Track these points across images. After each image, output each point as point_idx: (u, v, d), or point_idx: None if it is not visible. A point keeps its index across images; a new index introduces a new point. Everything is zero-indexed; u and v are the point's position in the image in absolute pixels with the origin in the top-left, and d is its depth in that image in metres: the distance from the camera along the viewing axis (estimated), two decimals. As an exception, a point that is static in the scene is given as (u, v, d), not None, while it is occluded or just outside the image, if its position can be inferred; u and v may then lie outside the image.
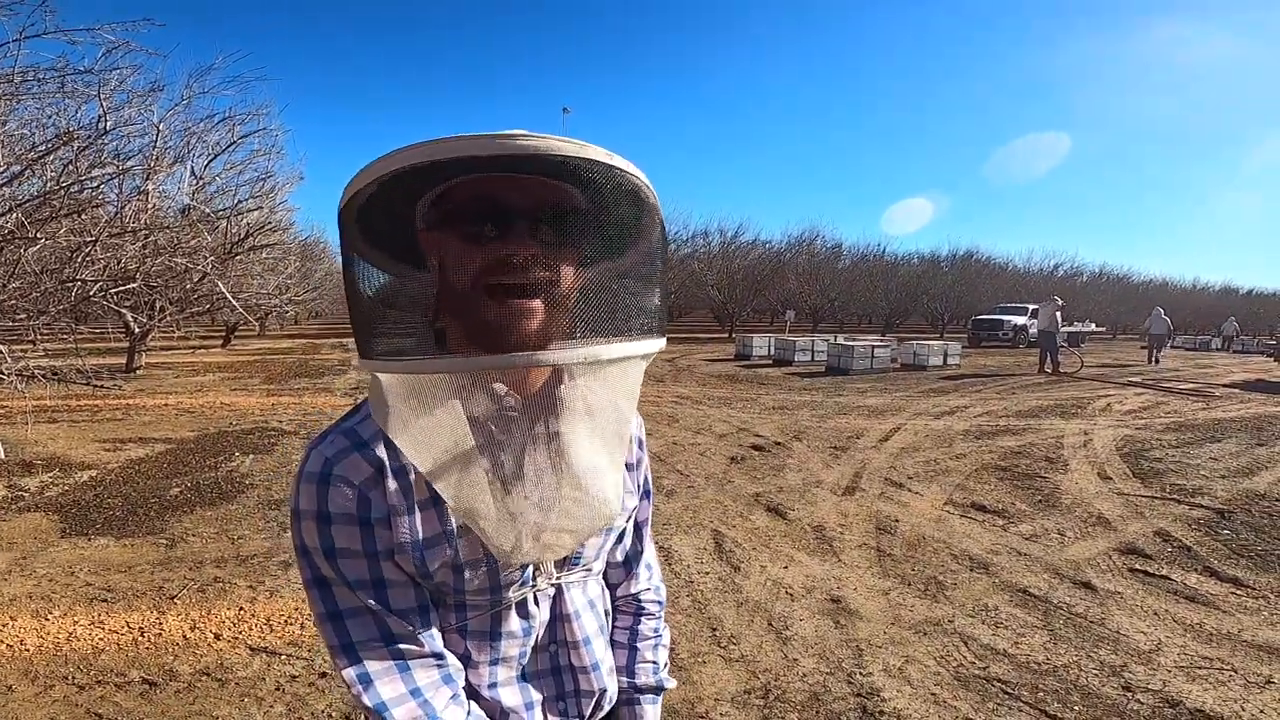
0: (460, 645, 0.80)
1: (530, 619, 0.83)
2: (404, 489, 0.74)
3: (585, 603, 0.89)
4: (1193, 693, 2.63)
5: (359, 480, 0.72)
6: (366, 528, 0.72)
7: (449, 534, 0.75)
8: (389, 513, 0.73)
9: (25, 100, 5.00)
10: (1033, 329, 25.71)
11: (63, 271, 5.70)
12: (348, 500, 0.71)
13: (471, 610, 0.79)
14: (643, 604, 1.01)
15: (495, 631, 0.81)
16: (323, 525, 0.71)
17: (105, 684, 2.54)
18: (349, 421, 0.76)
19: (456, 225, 0.67)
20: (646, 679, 0.97)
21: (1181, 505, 5.00)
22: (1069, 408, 9.67)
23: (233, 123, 9.65)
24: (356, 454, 0.73)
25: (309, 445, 0.75)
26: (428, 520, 0.74)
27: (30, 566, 3.55)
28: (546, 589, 0.84)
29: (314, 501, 0.71)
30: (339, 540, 0.72)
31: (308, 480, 0.72)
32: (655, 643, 1.01)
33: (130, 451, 6.00)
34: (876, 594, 3.43)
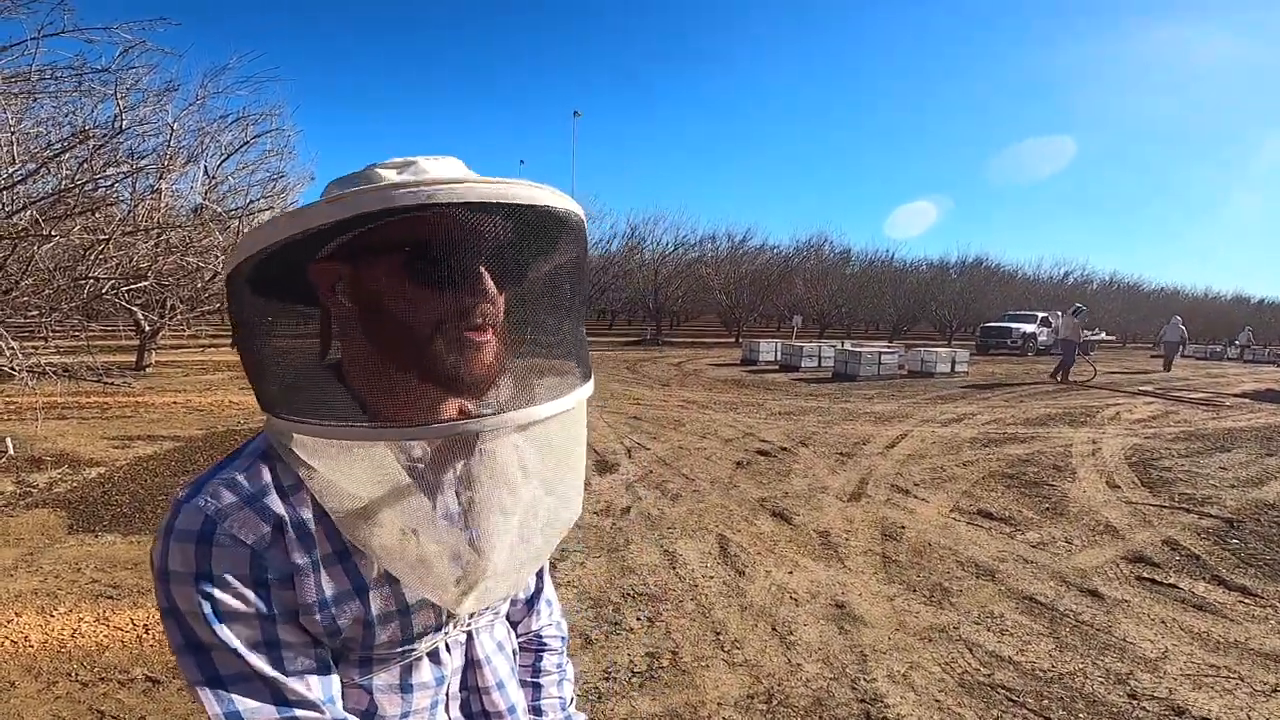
0: (365, 700, 0.73)
1: (443, 666, 0.78)
2: (306, 546, 0.65)
3: (495, 646, 0.85)
4: (1199, 701, 2.61)
5: (252, 540, 0.62)
6: (262, 589, 0.63)
7: (360, 589, 0.68)
8: (291, 573, 0.64)
9: (42, 99, 5.05)
10: (1042, 336, 25.67)
11: (75, 269, 5.75)
12: (238, 562, 0.62)
13: (378, 665, 0.73)
14: (544, 640, 0.99)
15: (406, 684, 0.75)
16: (203, 587, 0.61)
17: (109, 681, 2.55)
18: (228, 470, 0.66)
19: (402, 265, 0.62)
20: (554, 715, 0.94)
21: (1190, 514, 4.97)
22: (1078, 416, 9.62)
23: (246, 123, 9.72)
24: (248, 509, 0.63)
25: (177, 500, 0.64)
26: (335, 576, 0.67)
27: (37, 563, 3.58)
28: (458, 635, 0.80)
29: (192, 564, 0.61)
30: (225, 603, 0.61)
31: (182, 539, 0.61)
32: (559, 678, 0.98)
33: (139, 449, 6.04)
34: (881, 600, 3.42)
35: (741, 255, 29.44)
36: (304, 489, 0.66)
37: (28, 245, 4.88)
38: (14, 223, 4.73)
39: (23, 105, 4.86)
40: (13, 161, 4.63)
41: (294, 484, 0.66)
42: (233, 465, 0.68)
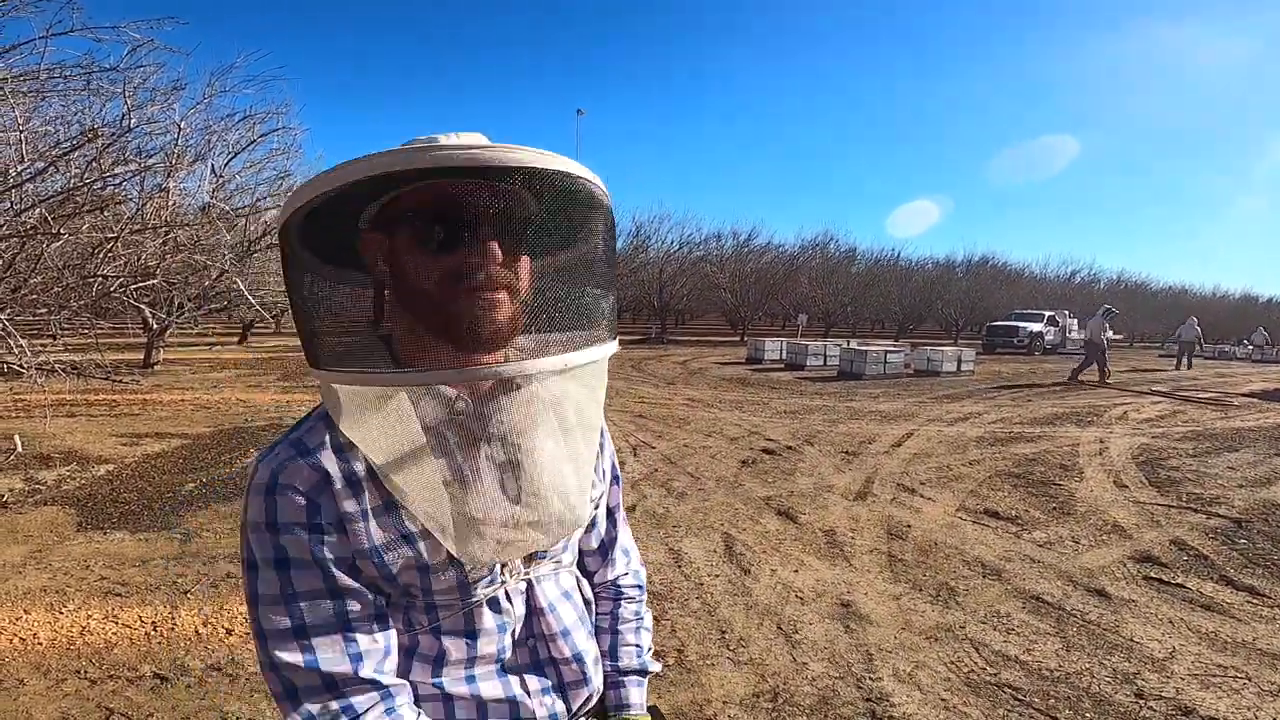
0: (435, 646, 0.79)
1: (504, 615, 0.82)
2: (355, 494, 0.72)
3: (559, 594, 0.88)
4: (1206, 700, 2.60)
5: (305, 488, 0.71)
6: (316, 534, 0.70)
7: (409, 537, 0.74)
8: (341, 519, 0.71)
9: (50, 97, 5.07)
10: (1049, 335, 25.56)
11: (84, 267, 5.78)
12: (297, 508, 0.70)
13: (443, 610, 0.78)
14: (621, 589, 1.02)
15: (470, 630, 0.80)
16: (272, 535, 0.70)
17: (117, 678, 2.56)
18: (295, 433, 0.75)
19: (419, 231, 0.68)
20: (629, 662, 0.97)
21: (1198, 514, 4.95)
22: (1085, 415, 9.58)
23: (252, 121, 9.75)
24: (301, 462, 0.71)
25: (256, 459, 0.74)
26: (384, 525, 0.73)
27: (46, 560, 3.60)
28: (517, 585, 0.83)
29: (263, 513, 0.70)
30: (290, 550, 0.70)
31: (256, 493, 0.71)
32: (636, 626, 1.01)
33: (147, 446, 6.07)
34: (887, 599, 3.42)
35: (746, 254, 29.41)
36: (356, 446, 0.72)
37: (36, 243, 4.90)
38: (23, 221, 4.75)
39: (31, 104, 4.88)
40: (21, 160, 4.65)
41: (349, 441, 0.72)
42: (300, 428, 0.76)
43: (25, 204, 4.80)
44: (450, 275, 0.68)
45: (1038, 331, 24.88)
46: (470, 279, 0.68)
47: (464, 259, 0.68)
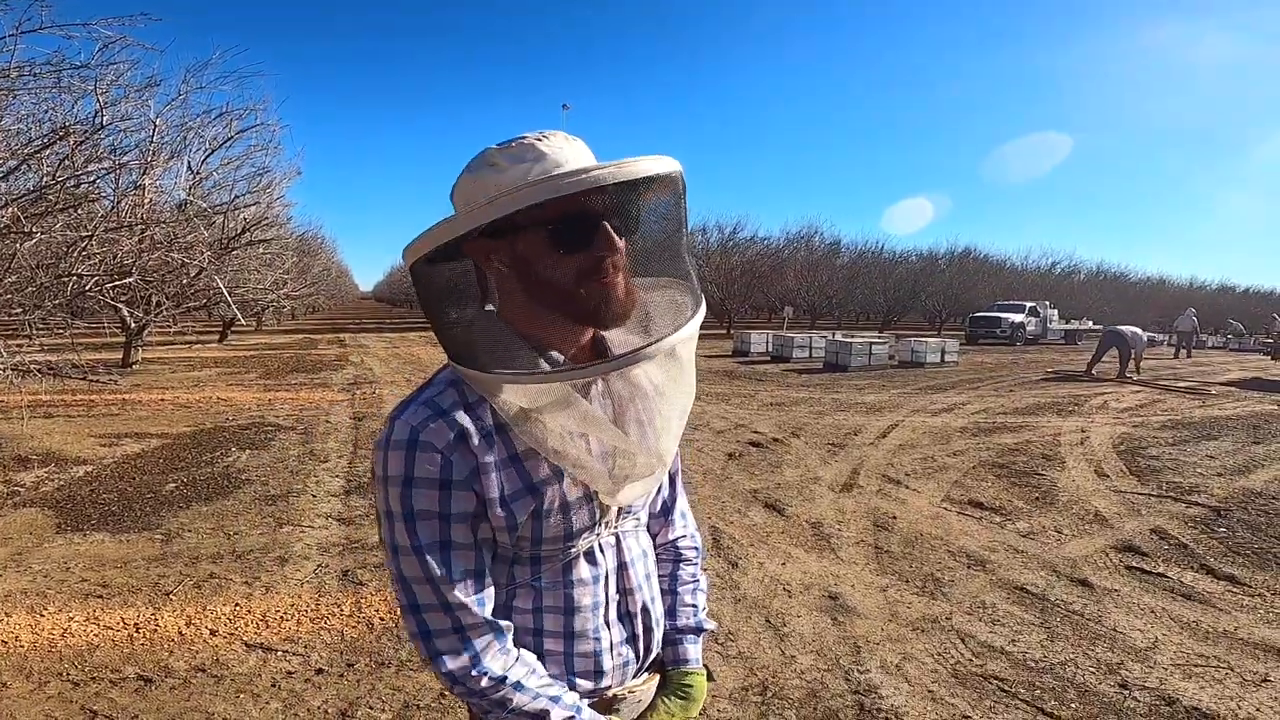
0: (534, 597, 0.88)
1: (598, 565, 0.91)
2: (488, 449, 0.80)
3: (640, 551, 0.98)
4: (1189, 690, 2.63)
5: (442, 445, 0.78)
6: (445, 490, 0.79)
7: (530, 487, 0.83)
8: (472, 472, 0.80)
9: (21, 96, 4.97)
10: (1030, 326, 25.84)
11: (59, 266, 5.67)
12: (433, 465, 0.78)
13: (545, 563, 0.88)
14: (681, 551, 1.09)
15: (568, 580, 0.89)
16: (406, 489, 0.78)
17: (100, 680, 2.53)
18: (426, 393, 0.83)
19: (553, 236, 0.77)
20: (687, 620, 1.05)
21: (1178, 503, 5.01)
22: (1066, 405, 9.68)
23: (229, 118, 9.60)
24: (440, 420, 0.79)
25: (391, 416, 0.82)
26: (509, 478, 0.82)
27: (25, 562, 3.54)
28: (608, 538, 0.92)
29: (401, 467, 0.78)
30: (419, 503, 0.78)
31: (395, 448, 0.78)
32: (694, 587, 1.08)
33: (126, 447, 5.98)
34: (874, 591, 3.44)
35: (732, 247, 29.44)
36: (485, 404, 0.82)
37: (9, 243, 4.80)
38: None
39: (3, 102, 4.78)
40: (-8, 158, 4.56)
41: (476, 400, 0.82)
42: (429, 390, 0.84)
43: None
44: (582, 271, 0.78)
45: (1019, 322, 25.13)
46: (600, 273, 0.78)
47: (594, 256, 0.77)
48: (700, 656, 1.06)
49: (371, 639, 2.86)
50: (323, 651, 2.76)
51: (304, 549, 3.79)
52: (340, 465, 5.54)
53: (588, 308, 0.79)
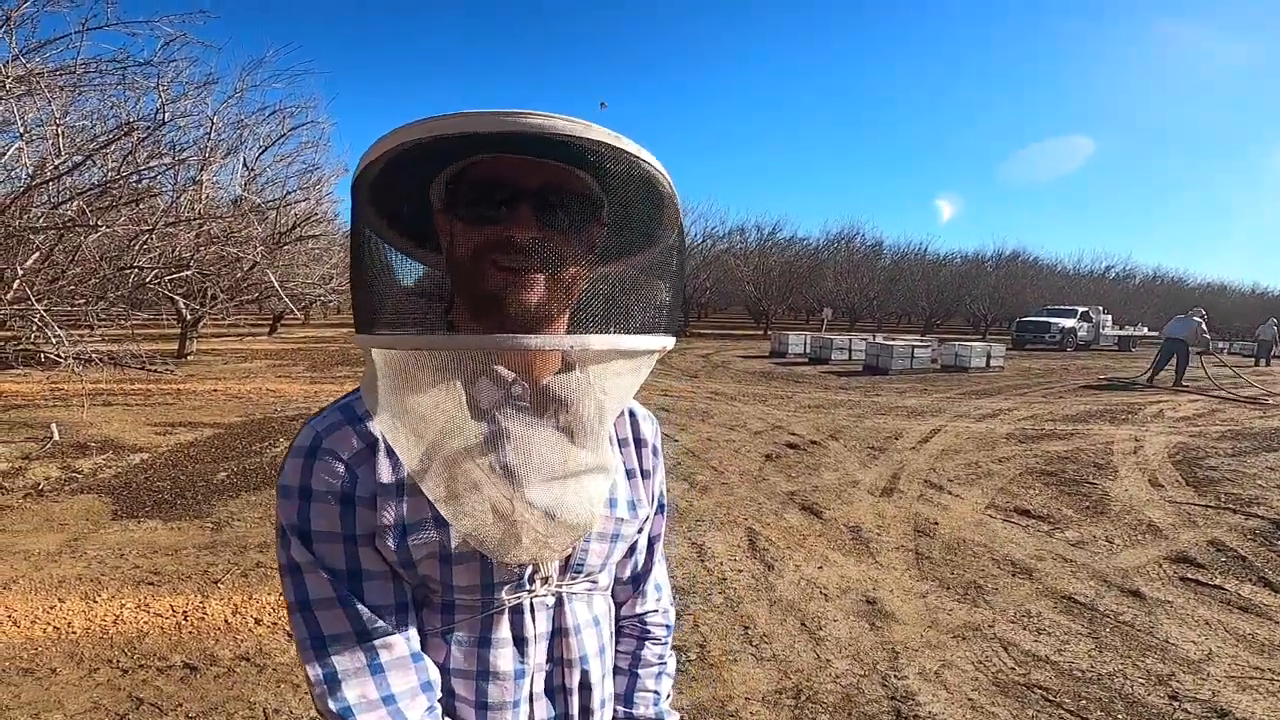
0: (443, 652, 0.73)
1: (525, 629, 0.75)
2: (395, 468, 0.69)
3: (589, 619, 0.80)
4: (1242, 703, 2.53)
5: (347, 455, 0.68)
6: (348, 507, 0.67)
7: (437, 521, 0.69)
8: (375, 492, 0.68)
9: (87, 92, 5.18)
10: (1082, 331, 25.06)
11: (120, 259, 5.91)
12: (333, 476, 0.67)
13: (460, 613, 0.73)
14: (648, 627, 0.93)
15: (485, 638, 0.73)
16: (303, 503, 0.67)
17: (148, 668, 2.59)
18: (347, 398, 0.73)
19: (463, 204, 0.67)
20: (645, 710, 0.89)
21: (1236, 515, 4.81)
22: (1119, 413, 9.37)
23: (282, 115, 9.89)
24: (349, 428, 0.69)
25: (306, 421, 0.72)
26: (416, 505, 0.68)
27: (81, 548, 3.67)
28: (546, 597, 0.76)
29: (298, 476, 0.67)
30: (317, 522, 0.67)
31: (295, 455, 0.68)
32: (659, 670, 0.92)
33: (180, 435, 6.19)
34: (913, 597, 3.37)
35: (770, 247, 29.23)
36: None
37: (74, 235, 5.01)
38: (60, 213, 4.86)
39: (68, 98, 4.98)
40: (59, 153, 4.75)
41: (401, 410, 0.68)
42: (352, 395, 0.73)
43: (63, 197, 4.92)
44: (480, 248, 0.66)
45: (1070, 327, 24.36)
46: (504, 252, 0.65)
47: (496, 232, 0.65)
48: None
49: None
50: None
51: (347, 537, 3.87)
52: (382, 457, 5.63)
53: (484, 293, 0.65)
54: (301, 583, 0.67)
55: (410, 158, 0.62)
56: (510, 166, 0.64)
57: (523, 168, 0.64)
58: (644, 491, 0.87)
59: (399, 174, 0.65)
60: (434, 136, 0.58)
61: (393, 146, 0.60)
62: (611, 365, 0.66)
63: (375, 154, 0.61)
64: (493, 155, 0.64)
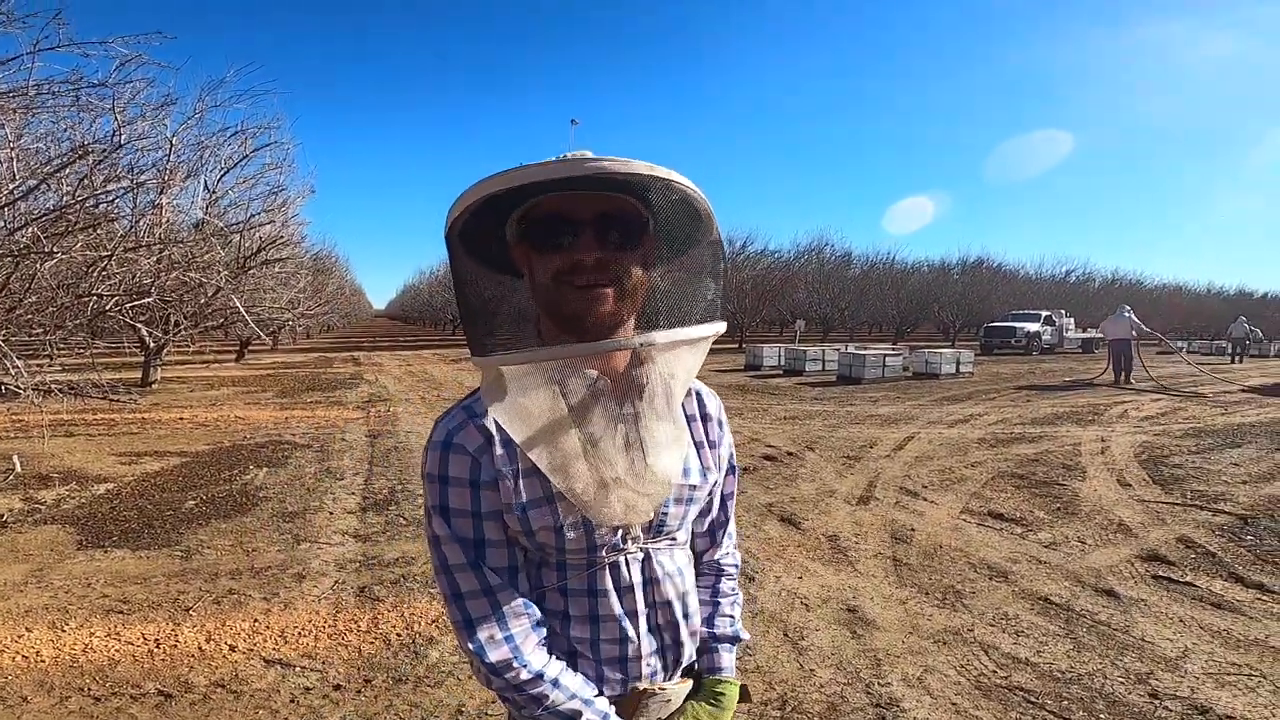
0: (560, 602, 0.91)
1: (622, 580, 0.91)
2: (510, 456, 0.85)
3: (675, 569, 0.97)
4: (1222, 699, 2.57)
5: (472, 448, 0.84)
6: (475, 489, 0.84)
7: (549, 498, 0.85)
8: (497, 477, 0.84)
9: (40, 114, 5.05)
10: (1046, 335, 25.63)
11: (79, 286, 5.76)
12: (462, 465, 0.84)
13: (571, 570, 0.89)
14: (723, 567, 1.11)
15: (593, 589, 0.90)
16: (443, 487, 0.84)
17: (121, 695, 2.53)
18: (468, 400, 0.89)
19: (537, 236, 0.82)
20: (725, 630, 1.07)
21: (1204, 511, 4.92)
22: (1085, 415, 9.57)
23: (244, 136, 9.74)
24: (471, 425, 0.85)
25: (437, 420, 0.88)
26: (530, 486, 0.85)
27: (47, 578, 3.56)
28: (636, 554, 0.92)
29: (437, 466, 0.85)
30: (452, 500, 0.84)
31: (433, 448, 0.85)
32: (733, 600, 1.10)
33: (146, 465, 6.03)
34: (894, 603, 3.39)
35: (743, 261, 29.47)
36: None
37: (30, 263, 4.88)
38: (15, 240, 4.73)
39: (21, 121, 4.86)
40: (13, 178, 4.63)
41: None
42: (471, 397, 0.90)
43: (18, 223, 4.78)
44: (557, 272, 0.81)
45: (1035, 331, 24.93)
46: (576, 275, 0.80)
47: (567, 258, 0.80)
48: (734, 667, 1.08)
49: (388, 655, 2.85)
50: (340, 667, 2.75)
51: (321, 565, 3.79)
52: (356, 483, 5.55)
53: (566, 312, 0.81)
54: (442, 552, 0.85)
55: (490, 206, 0.78)
56: (570, 202, 0.79)
57: (581, 201, 0.79)
58: (712, 459, 1.02)
59: (482, 220, 0.81)
60: (512, 187, 0.74)
61: (477, 198, 0.76)
62: (674, 353, 0.82)
63: (461, 206, 0.78)
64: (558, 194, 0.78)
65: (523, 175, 0.74)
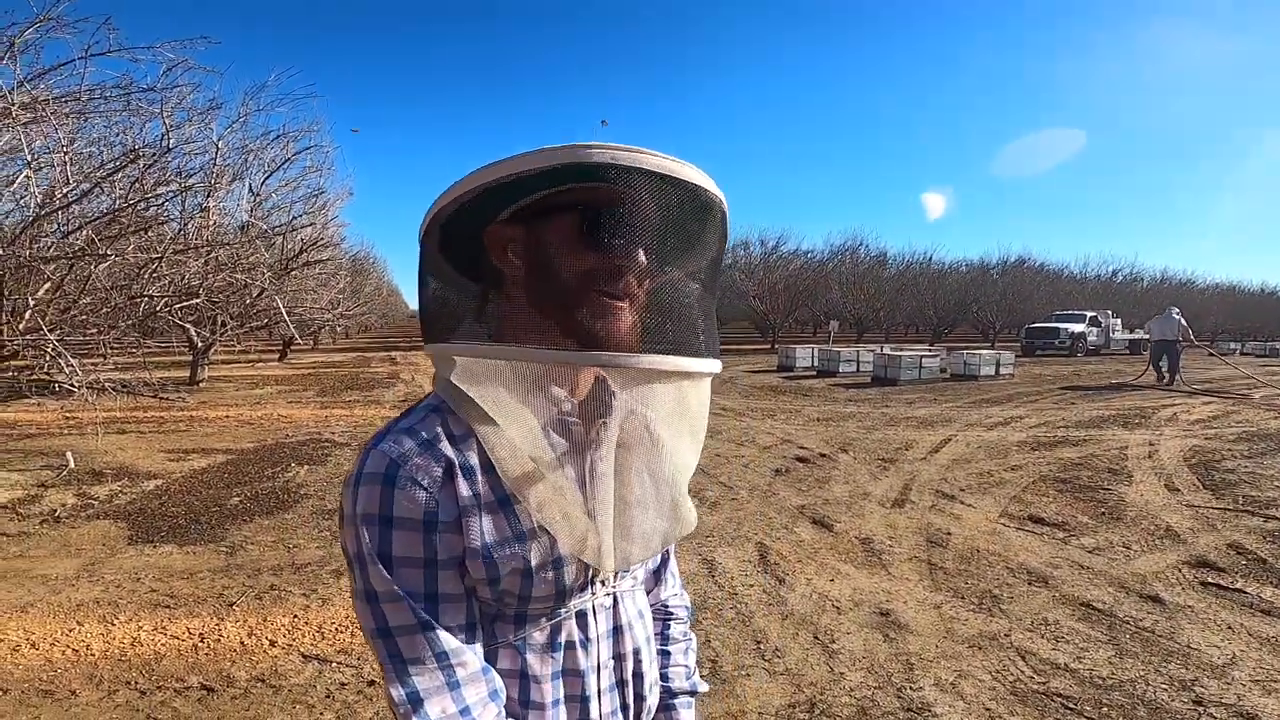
0: (518, 660, 0.77)
1: (589, 629, 0.81)
2: (473, 490, 0.71)
3: (637, 613, 0.88)
4: (1269, 707, 2.48)
5: (428, 481, 0.69)
6: (431, 533, 0.69)
7: (520, 536, 0.72)
8: (459, 515, 0.70)
9: (92, 119, 5.23)
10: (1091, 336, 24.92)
11: (131, 287, 5.96)
12: (415, 504, 0.68)
13: (530, 622, 0.77)
14: (670, 609, 1.01)
15: (555, 643, 0.78)
16: (384, 530, 0.68)
17: (166, 689, 2.61)
18: (406, 421, 0.74)
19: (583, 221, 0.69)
20: (680, 683, 0.97)
21: (1255, 517, 4.75)
22: (1132, 417, 9.29)
23: (286, 139, 9.96)
24: (425, 454, 0.70)
25: (367, 446, 0.72)
26: (496, 523, 0.72)
27: (98, 573, 3.70)
28: (604, 599, 0.82)
29: (376, 505, 0.68)
30: (398, 548, 0.69)
31: (369, 482, 0.68)
32: (685, 647, 1.01)
33: (193, 462, 6.22)
34: (927, 607, 3.34)
35: (775, 261, 29.25)
36: (471, 438, 0.72)
37: (85, 265, 5.07)
38: (70, 242, 4.92)
39: (74, 125, 5.04)
40: (67, 181, 4.80)
41: (463, 434, 0.72)
42: (409, 418, 0.74)
43: (72, 225, 4.97)
44: (594, 274, 0.69)
45: (1079, 332, 24.24)
46: (610, 283, 0.69)
47: (611, 261, 0.68)
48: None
49: (422, 648, 2.90)
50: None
51: (357, 559, 3.87)
52: (392, 478, 5.64)
53: (584, 322, 0.69)
54: (381, 611, 0.70)
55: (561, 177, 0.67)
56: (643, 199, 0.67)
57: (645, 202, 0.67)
58: None
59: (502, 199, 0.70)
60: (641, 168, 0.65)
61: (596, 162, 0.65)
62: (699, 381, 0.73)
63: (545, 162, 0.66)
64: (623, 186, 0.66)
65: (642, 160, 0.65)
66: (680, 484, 0.75)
